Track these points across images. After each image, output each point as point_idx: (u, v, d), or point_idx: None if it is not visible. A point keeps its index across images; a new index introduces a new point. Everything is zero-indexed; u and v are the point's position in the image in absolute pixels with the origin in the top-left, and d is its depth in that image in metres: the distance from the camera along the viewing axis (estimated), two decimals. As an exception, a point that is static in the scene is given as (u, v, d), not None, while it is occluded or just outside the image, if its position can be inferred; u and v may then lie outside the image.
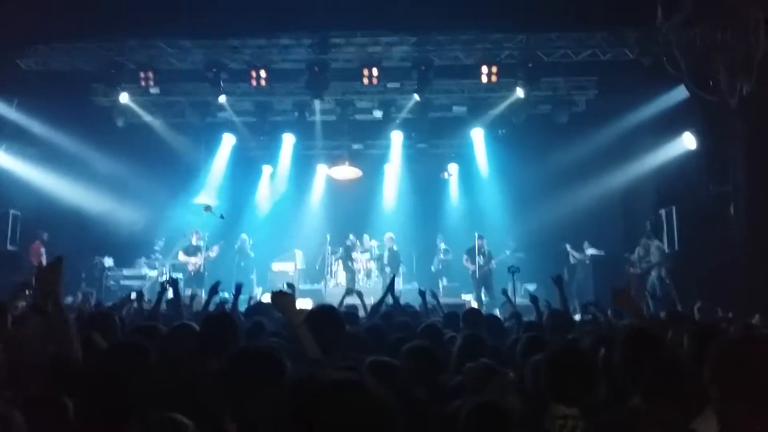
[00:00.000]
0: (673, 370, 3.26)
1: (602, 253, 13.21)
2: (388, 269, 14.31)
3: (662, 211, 12.51)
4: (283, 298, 3.11)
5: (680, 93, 11.95)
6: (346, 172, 16.35)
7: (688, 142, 12.15)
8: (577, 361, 2.95)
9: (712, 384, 2.84)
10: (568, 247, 13.86)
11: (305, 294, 12.59)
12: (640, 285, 11.71)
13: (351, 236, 15.08)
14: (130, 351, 2.72)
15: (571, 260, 13.78)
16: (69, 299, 11.03)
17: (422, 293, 7.62)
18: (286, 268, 15.01)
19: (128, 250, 14.32)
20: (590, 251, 13.46)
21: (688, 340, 3.65)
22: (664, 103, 12.46)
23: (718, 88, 10.83)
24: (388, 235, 14.96)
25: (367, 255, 15.45)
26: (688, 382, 3.03)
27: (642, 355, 3.18)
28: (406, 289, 14.06)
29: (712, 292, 9.21)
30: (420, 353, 3.31)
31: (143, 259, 14.01)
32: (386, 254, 14.72)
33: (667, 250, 11.96)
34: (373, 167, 16.80)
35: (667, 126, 12.36)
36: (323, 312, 3.49)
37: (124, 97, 13.58)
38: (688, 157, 12.15)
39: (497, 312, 10.30)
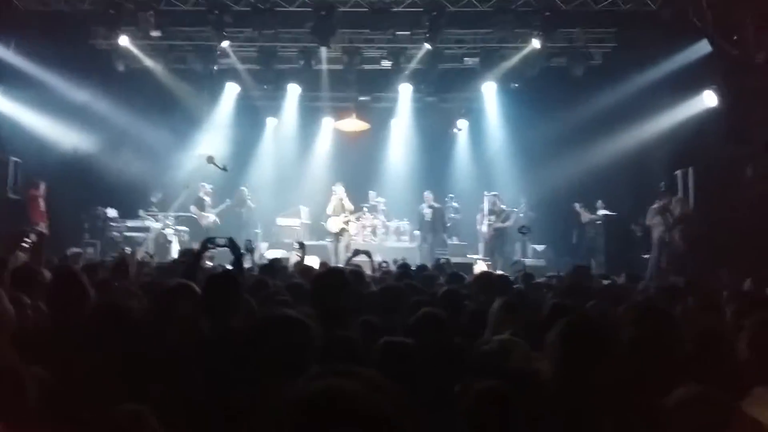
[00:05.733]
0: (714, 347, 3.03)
1: (615, 214, 12.91)
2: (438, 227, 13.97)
3: (678, 172, 12.16)
4: None
5: (702, 48, 11.44)
6: (353, 125, 15.97)
7: (708, 100, 11.69)
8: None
9: (753, 363, 2.62)
10: (577, 206, 13.53)
11: (312, 251, 12.34)
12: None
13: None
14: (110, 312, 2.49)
15: (583, 220, 13.47)
16: (75, 250, 10.84)
17: None
18: (292, 223, 14.80)
19: (128, 201, 14.06)
20: (602, 211, 13.16)
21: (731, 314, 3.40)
22: (684, 59, 11.96)
23: (744, 43, 10.36)
24: (426, 192, 14.41)
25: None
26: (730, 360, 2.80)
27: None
28: (413, 247, 13.93)
29: (728, 257, 8.98)
30: (434, 323, 3.09)
31: (141, 211, 13.69)
32: (429, 212, 14.13)
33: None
34: (380, 120, 16.39)
35: (687, 83, 11.89)
36: (331, 276, 3.26)
37: (123, 40, 13.13)
38: (707, 115, 11.72)
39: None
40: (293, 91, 15.72)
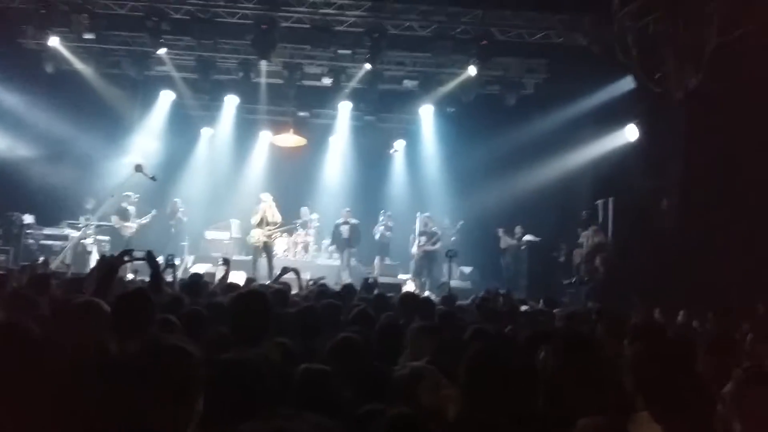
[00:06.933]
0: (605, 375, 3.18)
1: (538, 239, 13.35)
2: (352, 245, 13.86)
3: (599, 202, 12.68)
4: None
5: (627, 84, 12.03)
6: (291, 140, 15.86)
7: (630, 134, 12.30)
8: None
9: (636, 392, 2.78)
10: (500, 232, 13.99)
11: (241, 266, 12.07)
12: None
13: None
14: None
15: (501, 245, 13.91)
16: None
17: None
18: (221, 237, 14.50)
19: (53, 208, 13.44)
20: (527, 237, 13.58)
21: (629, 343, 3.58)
22: (610, 93, 12.55)
23: (665, 80, 10.94)
24: (346, 208, 14.41)
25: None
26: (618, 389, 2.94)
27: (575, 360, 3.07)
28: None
29: (641, 286, 9.40)
30: (351, 348, 3.11)
31: (82, 218, 13.08)
32: (346, 228, 13.95)
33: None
34: (318, 137, 16.35)
35: (612, 116, 12.47)
36: (250, 297, 3.24)
37: (53, 41, 12.66)
38: (629, 149, 12.31)
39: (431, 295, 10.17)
40: (231, 102, 15.50)
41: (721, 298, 8.29)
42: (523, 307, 6.10)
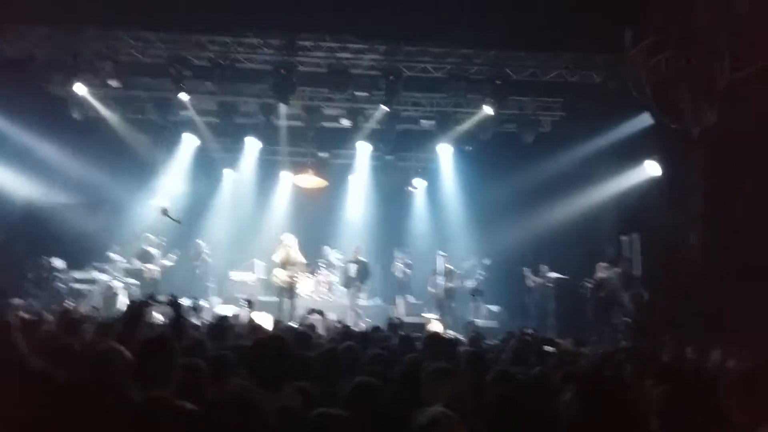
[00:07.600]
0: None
1: (566, 277, 13.19)
2: (357, 283, 13.78)
3: (624, 238, 12.55)
4: None
5: (644, 120, 12.02)
6: (312, 181, 16.02)
7: (650, 169, 12.24)
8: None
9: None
10: (525, 271, 13.88)
11: (264, 307, 12.02)
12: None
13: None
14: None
15: (529, 284, 13.79)
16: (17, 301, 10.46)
17: None
18: (245, 278, 14.54)
19: (81, 252, 13.63)
20: (553, 275, 13.45)
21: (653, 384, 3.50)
22: (628, 129, 12.54)
23: (681, 117, 10.92)
24: (356, 245, 14.43)
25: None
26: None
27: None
28: (369, 305, 13.81)
29: (671, 322, 9.21)
30: (367, 393, 3.09)
31: (94, 264, 13.27)
32: (354, 267, 13.89)
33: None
34: (338, 176, 16.51)
35: (630, 152, 12.44)
36: (270, 342, 3.25)
37: (79, 88, 13.01)
38: (650, 184, 12.24)
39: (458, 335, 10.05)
40: (252, 144, 15.75)
41: (756, 334, 8.06)
42: (550, 348, 5.98)
